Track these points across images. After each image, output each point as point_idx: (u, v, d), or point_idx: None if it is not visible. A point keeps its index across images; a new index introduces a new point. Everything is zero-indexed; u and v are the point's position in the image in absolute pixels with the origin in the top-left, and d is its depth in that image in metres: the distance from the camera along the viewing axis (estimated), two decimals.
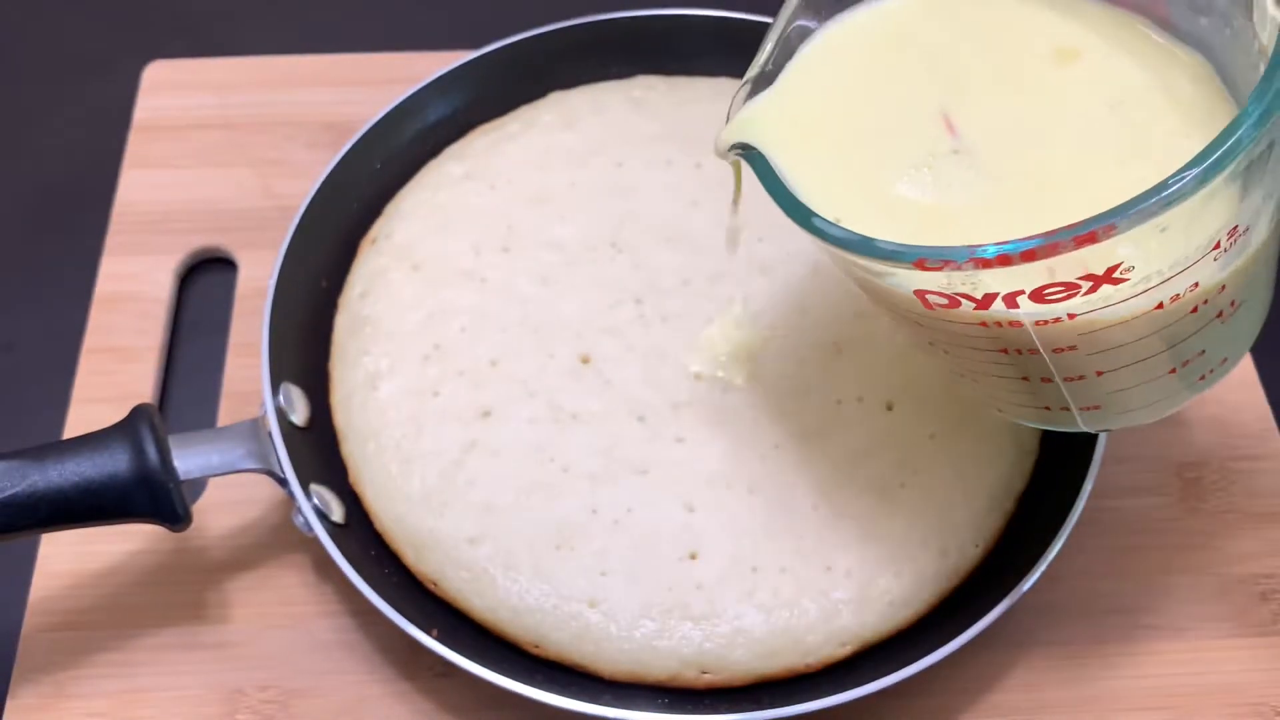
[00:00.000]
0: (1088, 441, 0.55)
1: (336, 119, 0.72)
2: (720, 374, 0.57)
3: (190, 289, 0.68)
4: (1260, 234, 0.40)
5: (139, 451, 0.50)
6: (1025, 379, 0.45)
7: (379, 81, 0.71)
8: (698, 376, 0.57)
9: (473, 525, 0.54)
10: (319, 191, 0.62)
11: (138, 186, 0.70)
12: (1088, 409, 0.47)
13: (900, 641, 0.53)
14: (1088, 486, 0.54)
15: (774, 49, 0.48)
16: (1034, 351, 0.43)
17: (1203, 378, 0.46)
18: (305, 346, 0.60)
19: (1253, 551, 0.59)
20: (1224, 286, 0.41)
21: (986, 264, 0.37)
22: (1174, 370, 0.44)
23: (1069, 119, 0.45)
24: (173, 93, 0.74)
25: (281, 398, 0.56)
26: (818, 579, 0.53)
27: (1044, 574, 0.52)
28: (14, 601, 0.56)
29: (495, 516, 0.54)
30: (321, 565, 0.57)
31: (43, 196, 0.72)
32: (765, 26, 0.67)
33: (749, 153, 0.46)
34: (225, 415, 0.62)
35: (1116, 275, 0.38)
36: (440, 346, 0.58)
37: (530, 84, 0.68)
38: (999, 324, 0.41)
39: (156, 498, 0.50)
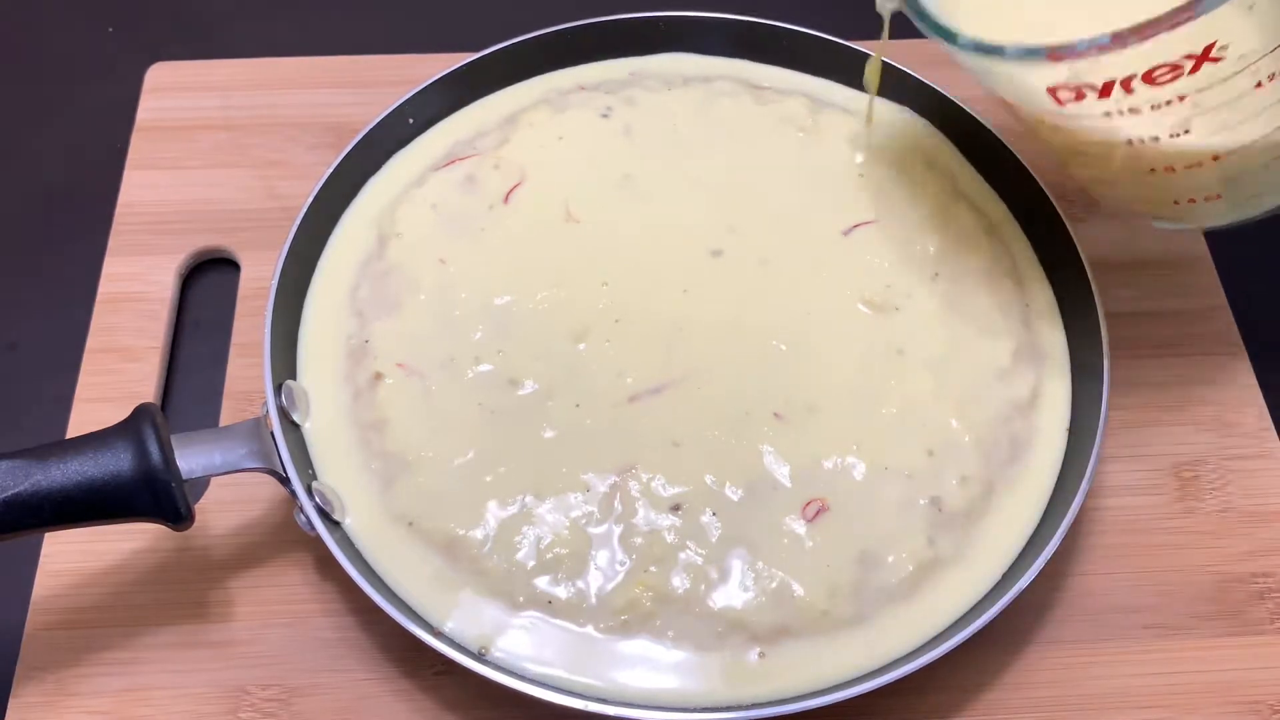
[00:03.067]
0: (1085, 440, 0.56)
1: (338, 120, 0.72)
2: None
3: (193, 289, 0.68)
4: None
5: (142, 451, 0.50)
6: (1152, 171, 0.52)
7: (381, 83, 0.71)
8: None
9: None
10: (321, 192, 0.62)
11: (140, 187, 0.70)
12: (1211, 199, 0.53)
13: None
14: (1085, 485, 0.54)
15: None
16: (1155, 139, 0.49)
17: None
18: None
19: (1250, 550, 0.59)
20: None
21: (1104, 49, 0.43)
22: None
23: None
24: (175, 94, 0.74)
25: (283, 397, 0.56)
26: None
27: (1041, 573, 0.52)
28: (16, 600, 0.56)
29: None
30: (323, 563, 0.57)
31: (46, 197, 0.73)
32: (765, 29, 0.69)
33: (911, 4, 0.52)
34: (227, 415, 0.62)
35: (1214, 54, 0.44)
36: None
37: None
38: (1121, 112, 0.47)
39: (159, 497, 0.50)
